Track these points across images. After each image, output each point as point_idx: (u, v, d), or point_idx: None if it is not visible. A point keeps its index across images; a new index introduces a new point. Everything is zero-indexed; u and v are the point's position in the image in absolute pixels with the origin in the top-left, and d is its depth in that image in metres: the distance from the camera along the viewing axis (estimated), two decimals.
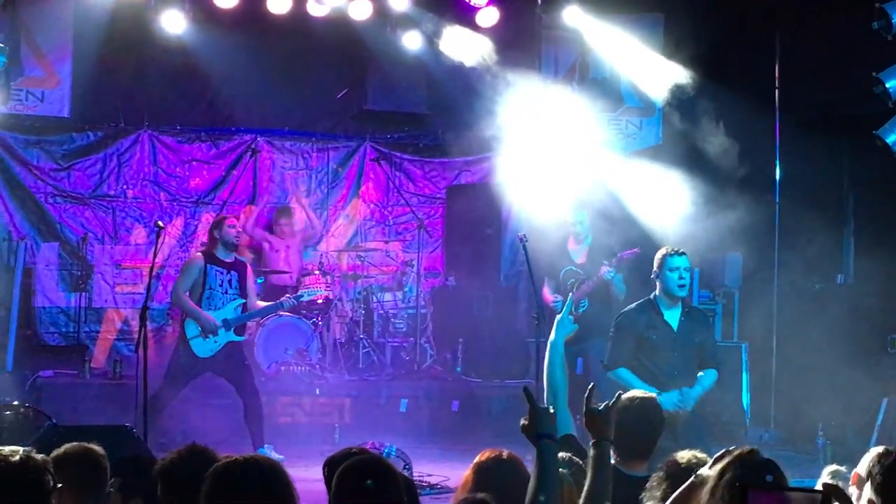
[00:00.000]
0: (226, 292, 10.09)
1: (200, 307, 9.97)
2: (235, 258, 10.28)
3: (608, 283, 10.18)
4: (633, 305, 8.30)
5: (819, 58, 12.02)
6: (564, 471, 4.42)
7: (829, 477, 5.19)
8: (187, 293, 9.99)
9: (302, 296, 11.10)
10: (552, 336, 5.92)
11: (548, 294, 10.62)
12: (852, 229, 12.83)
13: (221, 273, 10.07)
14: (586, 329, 10.32)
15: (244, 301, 10.18)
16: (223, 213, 12.47)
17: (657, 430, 5.48)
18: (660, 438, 5.50)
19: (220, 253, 10.09)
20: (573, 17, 12.82)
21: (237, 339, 10.16)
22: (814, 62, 12.15)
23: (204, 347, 9.98)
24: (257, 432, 9.98)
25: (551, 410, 4.09)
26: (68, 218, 13.32)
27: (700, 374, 7.90)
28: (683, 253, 8.06)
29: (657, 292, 8.07)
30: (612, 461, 5.26)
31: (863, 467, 4.80)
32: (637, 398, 5.50)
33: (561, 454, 4.39)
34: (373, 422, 11.34)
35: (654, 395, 5.78)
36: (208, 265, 10.03)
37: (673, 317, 8.02)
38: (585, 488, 4.17)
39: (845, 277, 12.54)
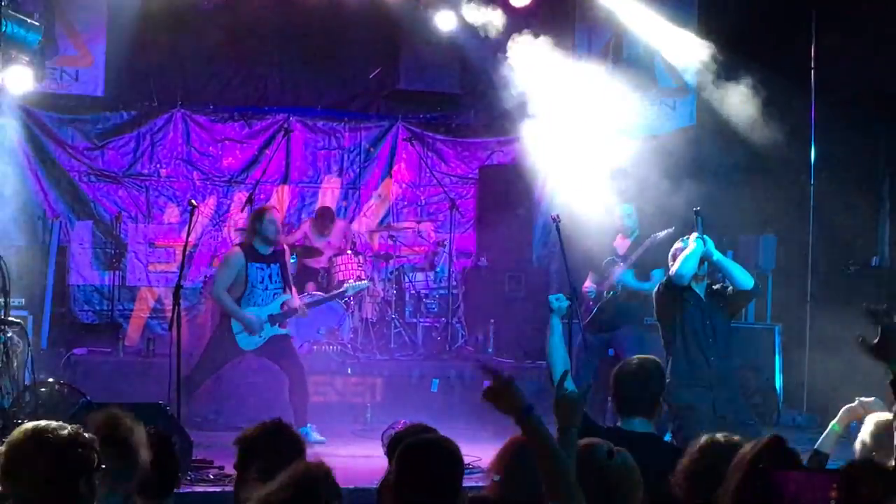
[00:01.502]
0: (266, 288, 10.02)
1: (240, 304, 9.92)
2: (273, 251, 10.16)
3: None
4: None
5: (855, 36, 11.90)
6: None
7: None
8: (227, 290, 9.92)
9: (347, 290, 11.19)
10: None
11: (587, 284, 10.65)
12: (888, 210, 12.71)
13: (262, 269, 9.99)
14: (614, 317, 10.34)
15: (288, 296, 10.16)
16: (265, 204, 12.38)
17: (658, 385, 5.48)
18: (662, 394, 5.49)
19: (261, 247, 10.01)
20: None
21: (281, 332, 10.16)
22: (849, 40, 12.02)
23: (249, 342, 10.00)
24: (300, 409, 9.92)
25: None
26: (102, 196, 13.39)
27: None
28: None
29: None
30: (615, 422, 5.29)
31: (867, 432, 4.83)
32: (636, 358, 5.57)
33: None
34: (404, 402, 11.33)
35: (653, 357, 5.78)
36: (249, 263, 9.93)
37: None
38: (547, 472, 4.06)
39: (880, 259, 12.43)
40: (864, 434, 5.21)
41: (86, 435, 3.66)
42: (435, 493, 3.87)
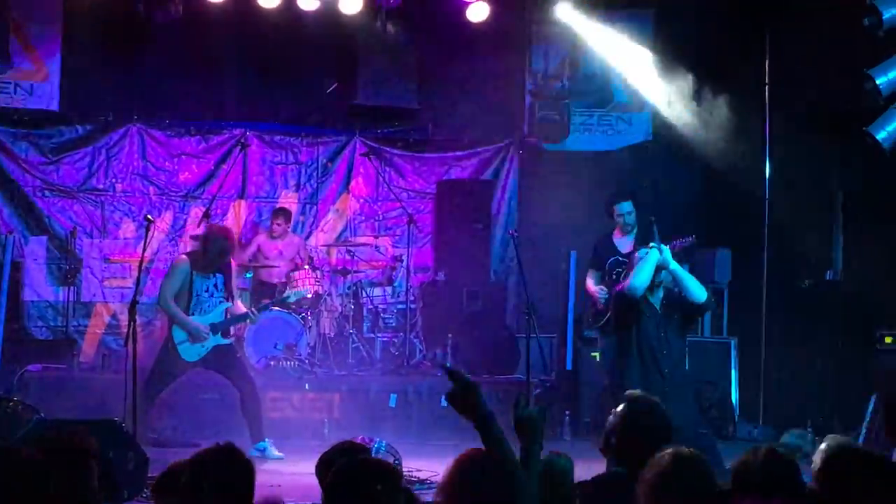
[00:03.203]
0: (212, 296, 10.01)
1: (188, 312, 9.91)
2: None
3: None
4: None
5: (809, 54, 12.03)
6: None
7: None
8: (173, 299, 9.90)
9: (289, 297, 11.11)
10: None
11: (591, 286, 10.64)
12: (841, 225, 12.84)
13: (207, 279, 9.98)
14: None
15: (230, 304, 10.14)
16: (224, 225, 12.22)
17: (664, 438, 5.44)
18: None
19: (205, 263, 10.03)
20: (564, 13, 12.82)
21: (224, 342, 10.11)
22: (804, 58, 12.16)
23: (192, 352, 9.94)
24: (255, 426, 9.94)
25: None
26: (57, 212, 13.28)
27: None
28: None
29: None
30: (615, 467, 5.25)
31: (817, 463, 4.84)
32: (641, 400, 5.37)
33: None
34: (362, 417, 11.32)
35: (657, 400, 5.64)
36: (195, 272, 9.93)
37: None
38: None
39: (834, 273, 12.55)
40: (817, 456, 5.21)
41: (32, 453, 3.63)
42: None
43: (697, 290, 8.19)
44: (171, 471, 4.44)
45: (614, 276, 10.24)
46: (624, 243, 10.57)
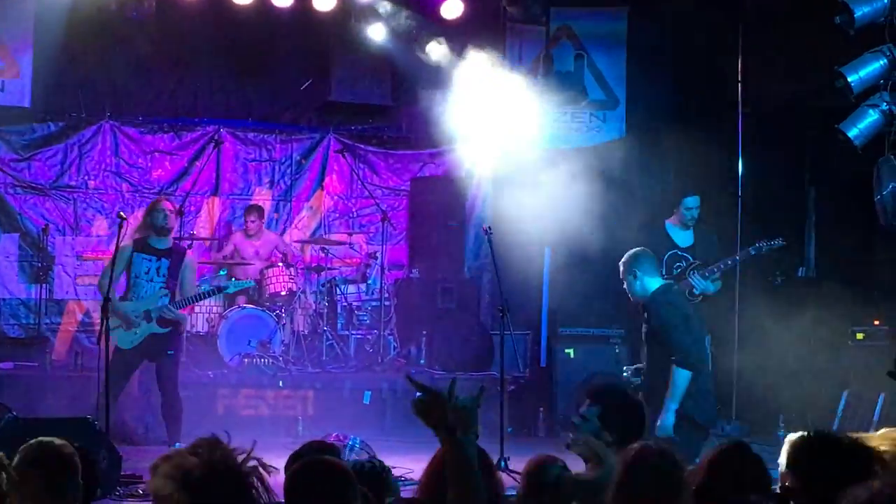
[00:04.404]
0: (150, 280, 9.76)
1: (127, 296, 9.73)
2: (173, 245, 9.97)
3: None
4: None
5: (781, 52, 12.08)
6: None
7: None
8: (112, 283, 9.44)
9: (228, 288, 10.99)
10: None
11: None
12: (814, 222, 12.91)
13: (149, 261, 9.73)
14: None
15: (170, 291, 9.81)
16: (162, 197, 11.85)
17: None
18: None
19: (153, 240, 9.78)
20: (538, 11, 12.82)
21: (160, 330, 9.78)
22: (776, 56, 12.21)
23: (125, 339, 9.68)
24: (172, 428, 9.69)
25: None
26: (29, 209, 13.21)
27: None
28: None
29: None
30: None
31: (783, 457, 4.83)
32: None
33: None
34: (336, 414, 11.32)
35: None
36: (135, 252, 9.73)
37: None
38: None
39: (806, 270, 12.61)
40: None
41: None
42: None
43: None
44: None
45: (675, 272, 10.23)
46: (683, 236, 10.50)
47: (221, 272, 12.77)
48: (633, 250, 8.37)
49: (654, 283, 8.18)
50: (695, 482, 3.93)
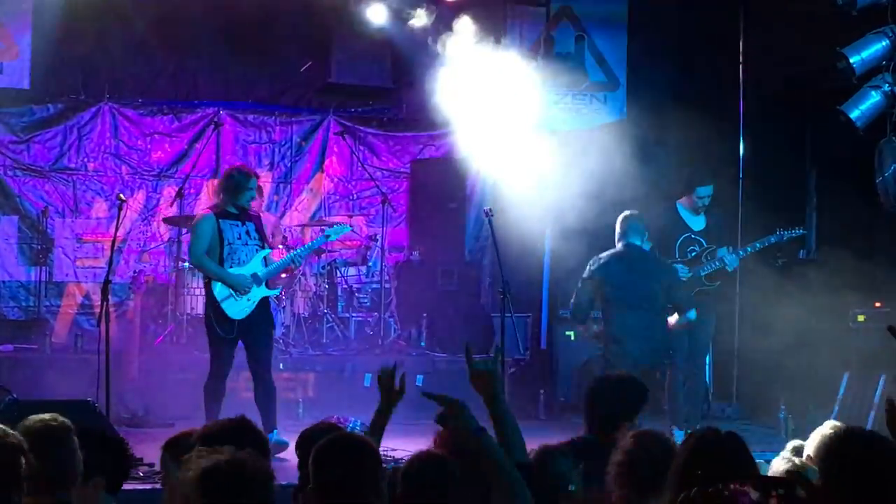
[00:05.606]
0: (245, 244, 9.27)
1: (224, 265, 9.17)
2: (244, 209, 9.40)
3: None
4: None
5: (783, 33, 12.04)
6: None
7: (792, 453, 5.22)
8: (206, 254, 9.15)
9: (329, 234, 10.39)
10: None
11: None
12: (815, 204, 12.89)
13: (236, 225, 9.24)
14: None
15: (269, 251, 9.52)
16: (242, 165, 11.52)
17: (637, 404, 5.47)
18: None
19: (230, 208, 9.25)
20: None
21: (271, 293, 9.49)
22: (778, 37, 12.17)
23: (237, 308, 9.13)
24: (269, 414, 9.23)
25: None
26: (28, 191, 13.18)
27: None
28: None
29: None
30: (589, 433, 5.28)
31: (811, 447, 4.79)
32: (615, 373, 5.56)
33: None
34: (337, 397, 11.31)
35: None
36: (220, 220, 9.18)
37: None
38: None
39: (808, 252, 12.59)
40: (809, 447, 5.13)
41: (15, 436, 3.55)
42: (356, 490, 3.84)
43: None
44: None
45: (690, 255, 10.22)
46: (695, 220, 10.40)
47: None
48: (624, 213, 9.38)
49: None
50: (675, 468, 3.85)
